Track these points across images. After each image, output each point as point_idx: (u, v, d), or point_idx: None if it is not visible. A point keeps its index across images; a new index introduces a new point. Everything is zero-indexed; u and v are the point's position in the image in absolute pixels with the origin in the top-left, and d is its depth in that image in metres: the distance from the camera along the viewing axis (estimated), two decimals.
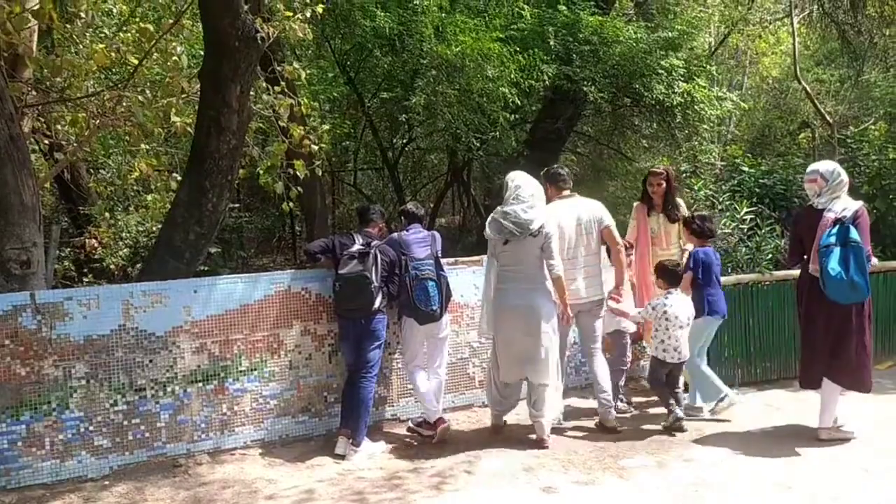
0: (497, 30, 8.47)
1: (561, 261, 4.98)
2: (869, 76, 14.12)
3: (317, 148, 6.21)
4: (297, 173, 5.98)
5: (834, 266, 4.56)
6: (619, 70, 9.05)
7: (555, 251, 4.93)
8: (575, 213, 5.27)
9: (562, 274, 4.93)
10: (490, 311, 5.08)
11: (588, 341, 5.38)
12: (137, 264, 8.41)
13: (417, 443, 5.07)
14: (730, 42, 16.15)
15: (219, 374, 4.83)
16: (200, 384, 4.77)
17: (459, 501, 4.12)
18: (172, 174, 7.35)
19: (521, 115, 10.18)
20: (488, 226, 5.03)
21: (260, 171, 6.20)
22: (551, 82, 8.76)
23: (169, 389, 4.68)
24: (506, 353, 5.03)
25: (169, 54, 6.14)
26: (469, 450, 4.86)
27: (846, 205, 4.73)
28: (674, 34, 9.61)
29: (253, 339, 4.93)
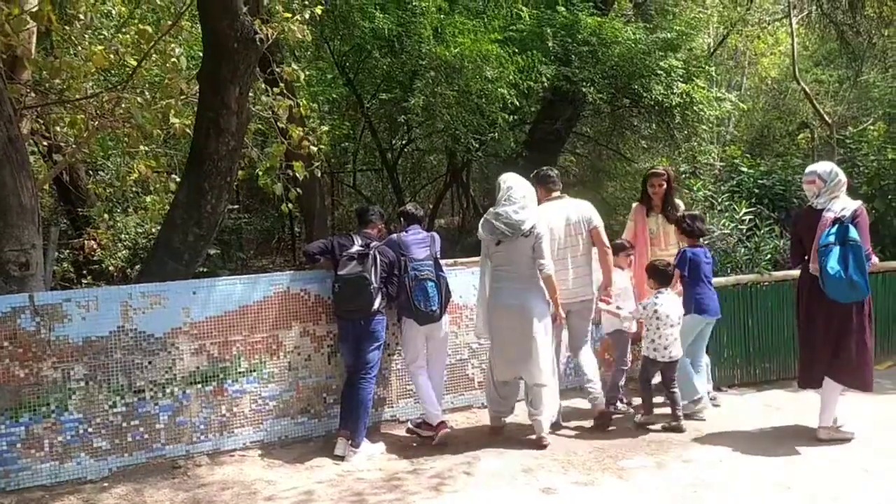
0: (496, 31, 8.47)
1: (552, 261, 5.00)
2: (868, 77, 14.13)
3: (316, 149, 6.22)
4: (296, 174, 5.98)
5: (833, 265, 4.57)
6: (618, 71, 9.06)
7: (545, 251, 4.95)
8: (564, 214, 5.30)
9: (552, 273, 4.96)
10: (484, 311, 5.10)
11: (577, 340, 5.41)
12: (136, 266, 8.41)
13: (417, 444, 5.07)
14: (729, 43, 16.17)
15: (218, 376, 4.83)
16: (199, 385, 4.77)
17: (459, 502, 4.12)
18: (171, 176, 7.35)
19: (520, 116, 10.18)
20: (481, 227, 5.06)
21: (259, 173, 6.21)
22: (550, 83, 8.77)
23: (168, 391, 4.68)
24: (500, 352, 5.04)
25: (168, 56, 6.14)
26: (468, 451, 4.86)
27: (845, 204, 4.75)
28: (672, 35, 9.62)
29: (252, 340, 4.93)
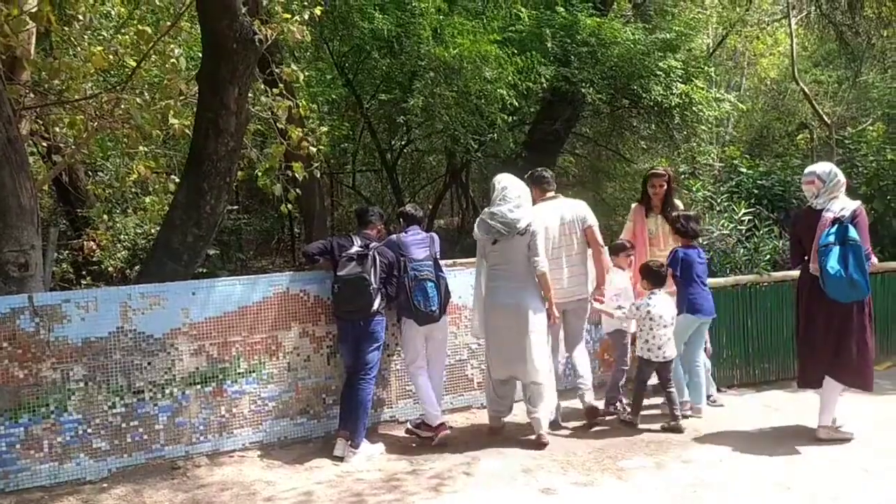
0: (495, 32, 8.47)
1: (546, 259, 5.02)
2: (867, 77, 14.14)
3: (315, 150, 6.22)
4: (295, 175, 5.98)
5: (833, 265, 4.57)
6: (617, 71, 9.06)
7: (540, 248, 4.97)
8: (559, 213, 5.32)
9: (546, 271, 4.97)
10: (481, 311, 5.10)
11: (573, 339, 5.43)
12: (136, 266, 8.42)
13: (416, 444, 5.07)
14: (728, 43, 16.18)
15: (217, 377, 4.82)
16: (199, 386, 4.77)
17: (458, 503, 4.12)
18: (171, 176, 7.35)
19: (519, 117, 10.18)
20: (477, 227, 5.07)
21: (258, 173, 6.21)
22: (549, 84, 8.76)
23: (167, 391, 4.68)
24: (496, 351, 5.06)
25: (167, 56, 6.14)
26: (468, 451, 4.86)
27: (844, 204, 4.76)
28: (672, 35, 9.62)
29: (251, 341, 4.93)
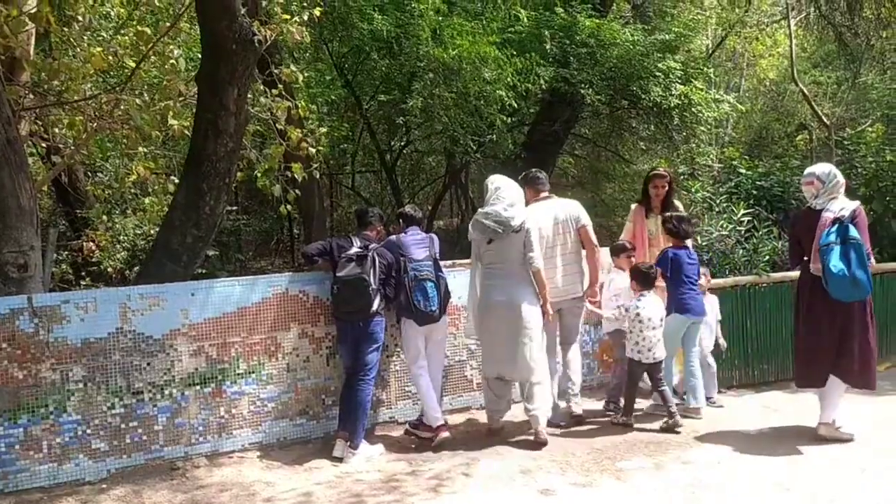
0: (494, 33, 8.47)
1: (541, 257, 5.04)
2: (866, 78, 14.15)
3: (314, 151, 6.22)
4: (294, 176, 5.98)
5: (836, 263, 4.57)
6: (617, 72, 9.06)
7: (534, 244, 5.00)
8: (552, 213, 5.35)
9: (541, 267, 5.00)
10: (476, 312, 5.12)
11: (569, 337, 5.45)
12: (135, 267, 8.42)
13: (415, 445, 5.06)
14: (727, 44, 16.19)
15: (216, 377, 4.82)
16: (198, 387, 4.77)
17: None
18: (170, 177, 7.35)
19: (518, 118, 10.18)
20: (472, 227, 5.10)
21: (258, 174, 6.21)
22: (548, 85, 8.77)
23: (166, 392, 4.67)
24: (491, 350, 5.07)
25: (166, 57, 6.14)
26: (467, 452, 4.86)
27: (844, 205, 4.78)
28: (671, 37, 9.63)
29: (250, 341, 4.93)
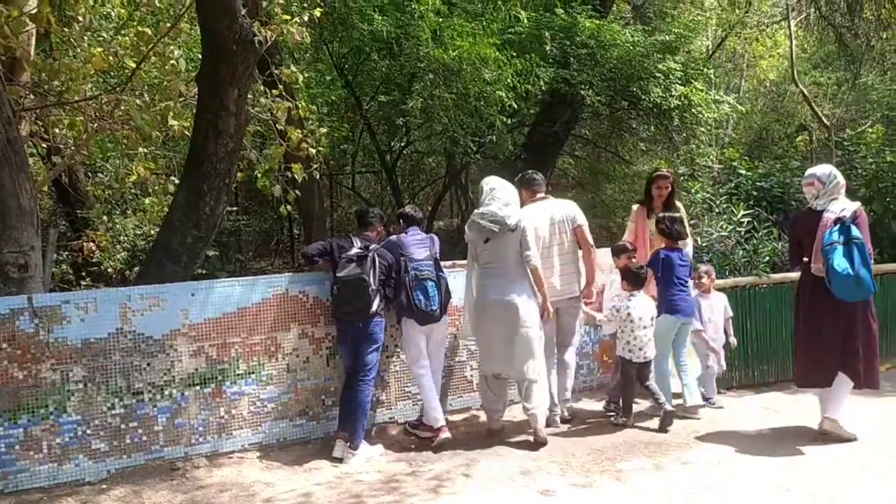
0: (494, 34, 8.47)
1: (538, 254, 5.06)
2: (866, 79, 14.17)
3: (315, 151, 6.22)
4: (294, 176, 5.99)
5: (840, 262, 4.58)
6: (617, 73, 9.06)
7: (531, 242, 5.01)
8: (548, 214, 5.36)
9: (539, 265, 5.01)
10: (473, 312, 5.13)
11: (565, 338, 5.46)
12: (135, 268, 8.41)
13: (415, 446, 5.07)
14: (727, 45, 16.19)
15: (216, 378, 4.82)
16: (198, 387, 4.77)
17: None
18: (170, 177, 7.36)
19: (518, 119, 10.18)
20: (468, 228, 5.11)
21: (258, 175, 6.21)
22: (549, 86, 8.77)
23: (166, 393, 4.68)
24: (488, 347, 5.09)
25: (167, 58, 6.14)
26: (466, 453, 4.86)
27: (844, 205, 4.79)
28: (671, 37, 9.62)
29: (250, 342, 4.93)
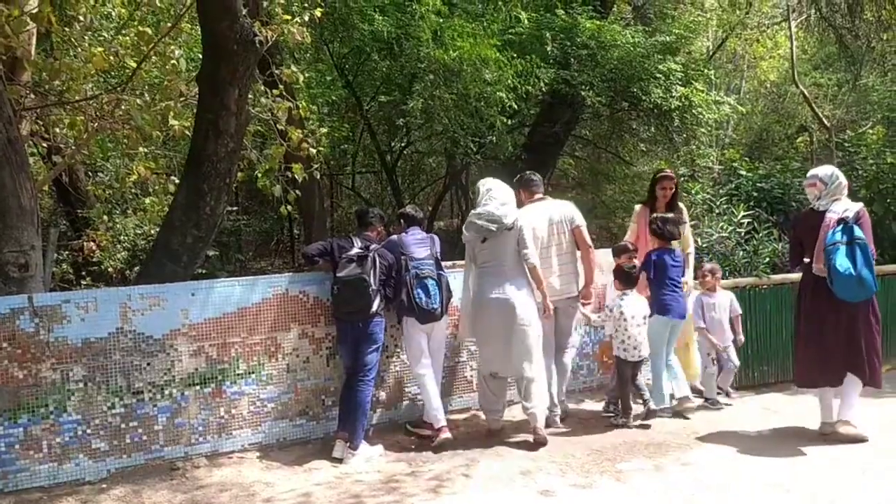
0: (494, 35, 8.48)
1: (535, 252, 5.07)
2: (866, 80, 14.16)
3: (315, 151, 6.22)
4: (295, 176, 5.98)
5: (842, 262, 4.58)
6: (617, 74, 9.07)
7: (529, 241, 5.02)
8: (547, 215, 5.37)
9: (537, 263, 5.02)
10: (470, 313, 5.13)
11: (562, 339, 5.46)
12: (135, 267, 8.42)
13: (415, 446, 5.06)
14: (728, 46, 16.20)
15: (216, 378, 4.83)
16: (198, 387, 4.77)
17: None
18: (170, 177, 7.36)
19: (519, 119, 10.18)
20: (465, 229, 5.12)
21: (258, 175, 6.21)
22: (549, 86, 8.77)
23: (166, 392, 4.68)
24: (487, 346, 5.09)
25: (167, 58, 6.15)
26: (466, 453, 4.86)
27: (847, 206, 4.80)
28: (671, 38, 9.63)
29: (250, 342, 4.93)
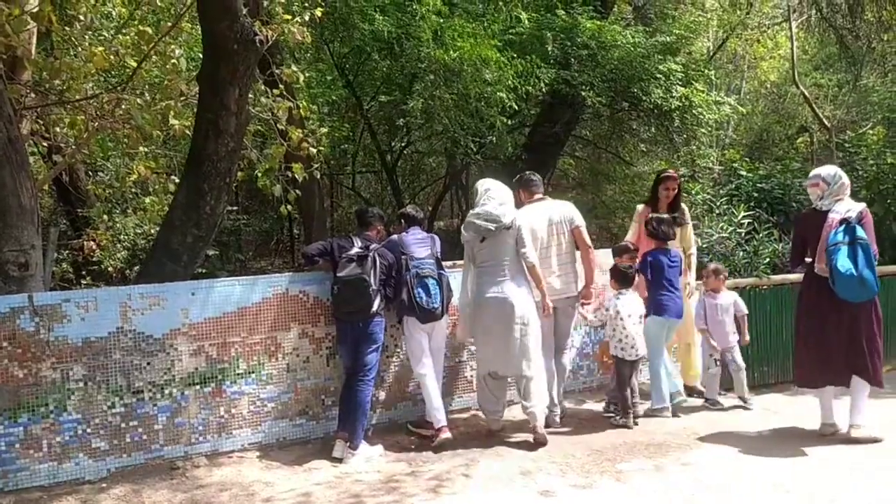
0: (495, 35, 8.48)
1: (534, 251, 5.07)
2: (867, 81, 14.17)
3: (315, 151, 6.22)
4: (295, 176, 5.98)
5: (843, 262, 4.59)
6: (618, 74, 9.07)
7: (527, 240, 5.03)
8: (547, 215, 5.37)
9: (535, 262, 5.02)
10: (469, 313, 5.13)
11: (560, 339, 5.46)
12: (135, 267, 8.42)
13: (415, 446, 5.06)
14: (728, 46, 16.20)
15: (216, 377, 4.82)
16: (198, 387, 4.77)
17: None
18: (171, 177, 7.35)
19: (519, 119, 10.18)
20: (464, 229, 5.13)
21: (258, 174, 6.21)
22: (549, 87, 8.77)
23: (166, 392, 4.68)
24: (486, 345, 5.09)
25: (168, 57, 6.15)
26: (466, 453, 4.86)
27: (850, 206, 4.80)
28: (672, 39, 9.63)
29: (250, 341, 4.93)
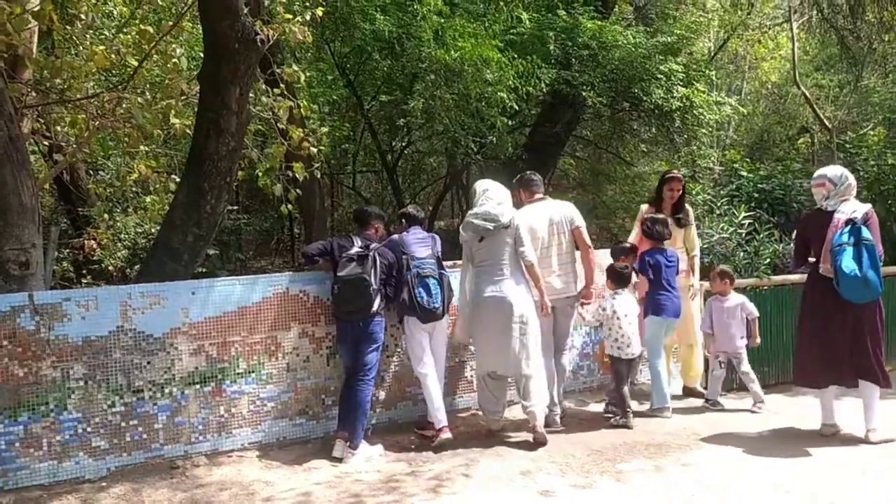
0: (496, 35, 8.48)
1: (532, 250, 5.07)
2: (868, 81, 14.16)
3: (316, 150, 6.22)
4: (295, 175, 5.98)
5: (848, 263, 4.58)
6: (618, 75, 9.07)
7: (525, 239, 5.03)
8: (547, 215, 5.37)
9: (534, 261, 5.03)
10: (467, 313, 5.13)
11: (559, 339, 5.46)
12: (136, 266, 8.42)
13: (415, 446, 5.06)
14: (729, 47, 16.19)
15: (216, 376, 4.83)
16: (198, 386, 4.77)
17: None
18: (171, 176, 7.36)
19: (520, 119, 10.19)
20: (463, 229, 5.13)
21: (259, 173, 6.21)
22: (550, 87, 8.77)
23: (167, 391, 4.68)
24: (485, 344, 5.09)
25: (168, 56, 6.15)
26: (466, 453, 4.86)
27: (855, 207, 4.79)
28: (673, 39, 9.64)
29: (251, 341, 4.93)
